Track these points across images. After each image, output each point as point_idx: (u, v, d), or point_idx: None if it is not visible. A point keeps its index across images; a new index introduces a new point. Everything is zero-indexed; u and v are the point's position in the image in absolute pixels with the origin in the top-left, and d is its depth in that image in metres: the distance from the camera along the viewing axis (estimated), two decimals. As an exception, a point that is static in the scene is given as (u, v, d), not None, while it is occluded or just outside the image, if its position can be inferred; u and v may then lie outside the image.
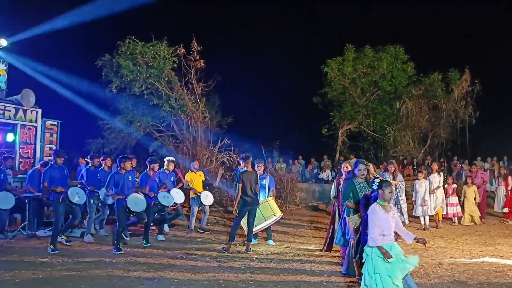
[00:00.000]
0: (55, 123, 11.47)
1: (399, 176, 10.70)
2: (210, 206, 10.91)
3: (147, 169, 9.38)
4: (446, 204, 12.07)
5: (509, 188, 12.79)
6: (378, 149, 21.85)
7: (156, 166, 9.50)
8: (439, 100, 20.46)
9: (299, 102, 23.53)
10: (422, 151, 20.78)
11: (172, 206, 9.75)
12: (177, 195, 9.95)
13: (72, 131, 13.61)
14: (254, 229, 8.63)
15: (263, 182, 9.18)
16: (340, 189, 7.55)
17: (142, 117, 15.81)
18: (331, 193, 8.31)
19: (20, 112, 10.49)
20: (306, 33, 26.46)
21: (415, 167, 18.05)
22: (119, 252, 7.90)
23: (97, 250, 8.22)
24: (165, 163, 10.24)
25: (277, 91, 23.60)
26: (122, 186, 8.22)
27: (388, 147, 20.99)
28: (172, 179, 10.13)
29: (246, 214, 8.45)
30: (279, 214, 9.16)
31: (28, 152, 10.64)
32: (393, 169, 10.48)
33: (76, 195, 8.47)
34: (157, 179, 9.59)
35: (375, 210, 4.96)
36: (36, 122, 10.84)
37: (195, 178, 10.72)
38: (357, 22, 26.16)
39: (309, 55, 23.64)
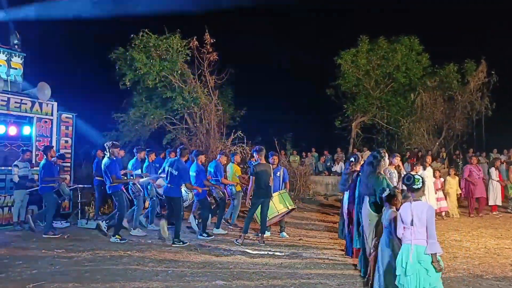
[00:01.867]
0: (71, 116, 11.59)
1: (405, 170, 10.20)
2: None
3: (196, 162, 9.37)
4: (436, 198, 11.59)
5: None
6: (392, 141, 21.68)
7: (203, 158, 9.56)
8: (454, 91, 20.17)
9: (312, 94, 23.44)
10: (437, 144, 20.56)
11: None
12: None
13: (87, 124, 13.75)
14: (267, 221, 8.65)
15: (277, 175, 9.18)
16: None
17: (155, 110, 15.91)
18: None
19: (36, 105, 10.61)
20: (320, 24, 26.29)
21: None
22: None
23: (114, 242, 8.31)
24: (218, 156, 10.37)
25: (290, 83, 23.53)
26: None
27: (402, 139, 20.80)
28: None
29: (260, 206, 8.47)
30: (292, 206, 9.17)
31: (44, 145, 10.77)
32: (397, 162, 9.72)
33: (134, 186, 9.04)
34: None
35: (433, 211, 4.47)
36: (52, 115, 10.95)
37: (237, 171, 10.55)
38: (371, 12, 25.91)
39: (322, 47, 23.49)
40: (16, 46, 10.91)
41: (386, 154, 5.98)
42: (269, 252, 7.75)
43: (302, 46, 25.75)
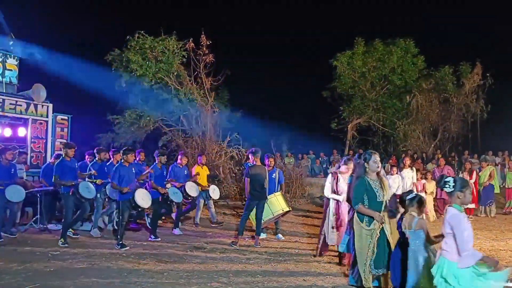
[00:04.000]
0: (66, 117, 11.57)
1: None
2: (217, 200, 10.89)
3: (156, 162, 9.34)
4: None
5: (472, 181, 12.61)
6: (387, 143, 21.76)
7: (163, 159, 9.47)
8: (450, 94, 20.27)
9: (308, 96, 23.48)
10: (433, 146, 20.64)
11: (187, 199, 9.85)
12: (192, 189, 9.91)
13: (82, 126, 13.72)
14: (262, 223, 8.65)
15: (273, 176, 9.18)
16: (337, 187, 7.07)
17: (151, 111, 15.87)
18: (326, 189, 7.34)
19: (32, 107, 10.59)
20: (316, 27, 26.36)
21: (424, 161, 17.94)
22: (124, 248, 7.83)
23: (108, 243, 8.29)
24: (179, 157, 10.20)
25: (286, 85, 23.55)
26: (127, 179, 8.04)
27: (398, 141, 20.88)
28: (185, 173, 10.06)
29: (255, 208, 8.47)
30: (287, 209, 9.16)
31: (39, 146, 10.75)
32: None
33: (86, 189, 8.54)
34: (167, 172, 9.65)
35: (461, 218, 3.81)
36: (47, 116, 10.93)
37: (201, 172, 10.69)
38: (367, 15, 26.02)
39: (318, 49, 23.57)
40: (11, 48, 10.89)
41: (374, 156, 5.42)
42: (265, 254, 7.75)
43: (298, 48, 25.82)
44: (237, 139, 15.25)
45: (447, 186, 3.96)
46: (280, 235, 9.31)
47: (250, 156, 8.74)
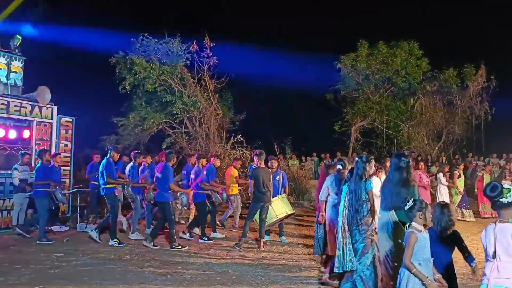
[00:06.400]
0: (70, 119, 11.59)
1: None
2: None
3: (197, 164, 9.45)
4: None
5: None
6: (391, 146, 21.66)
7: (205, 161, 9.62)
8: (454, 96, 20.20)
9: (312, 99, 23.43)
10: (437, 148, 20.57)
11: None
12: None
13: (86, 128, 13.75)
14: (265, 225, 8.65)
15: (277, 179, 9.18)
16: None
17: (155, 113, 15.91)
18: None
19: (36, 109, 10.61)
20: (319, 29, 26.36)
21: (429, 164, 17.87)
22: (175, 249, 8.06)
23: (112, 246, 8.29)
24: (212, 159, 10.15)
25: (289, 87, 23.51)
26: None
27: (402, 144, 20.79)
28: None
29: (258, 211, 8.46)
30: (291, 211, 9.16)
31: (44, 148, 10.76)
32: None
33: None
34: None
35: None
36: (51, 118, 10.94)
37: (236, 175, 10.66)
38: (371, 17, 25.98)
39: (322, 51, 23.52)
40: (16, 50, 10.92)
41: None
42: (268, 256, 7.74)
43: (301, 50, 25.80)
44: (241, 141, 15.26)
45: (507, 195, 3.35)
46: (283, 237, 9.30)
47: (254, 158, 8.76)
